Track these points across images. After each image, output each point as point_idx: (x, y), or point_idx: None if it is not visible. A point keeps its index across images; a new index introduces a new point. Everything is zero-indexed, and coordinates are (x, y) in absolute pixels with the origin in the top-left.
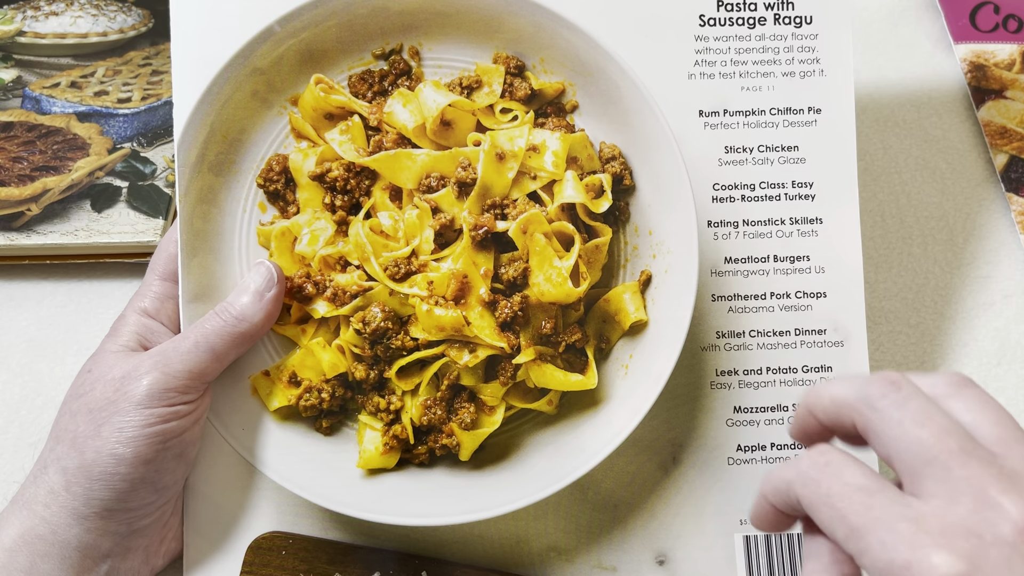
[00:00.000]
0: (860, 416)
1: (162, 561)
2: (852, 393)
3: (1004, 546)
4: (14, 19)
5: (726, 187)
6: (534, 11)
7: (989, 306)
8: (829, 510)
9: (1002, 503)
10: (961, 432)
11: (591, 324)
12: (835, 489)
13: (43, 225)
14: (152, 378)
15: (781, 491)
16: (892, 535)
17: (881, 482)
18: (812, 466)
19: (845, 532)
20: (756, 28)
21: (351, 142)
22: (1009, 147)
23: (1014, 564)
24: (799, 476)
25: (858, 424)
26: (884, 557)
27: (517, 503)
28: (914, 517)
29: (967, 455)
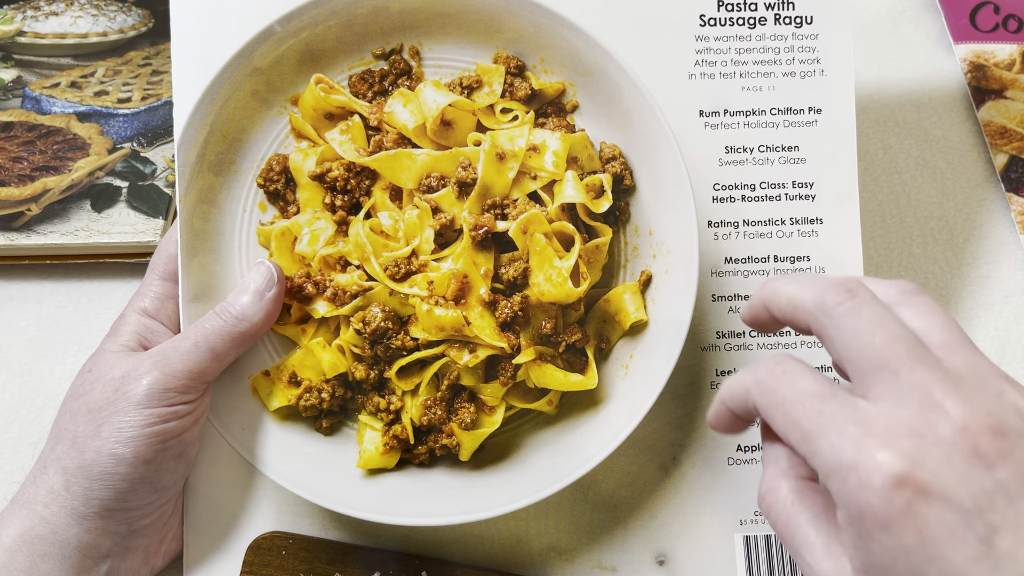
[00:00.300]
0: (815, 321)
1: (162, 561)
2: (809, 297)
3: (944, 445)
4: (14, 19)
5: (726, 187)
6: (534, 11)
7: (989, 306)
8: (783, 416)
9: (944, 405)
10: (911, 338)
11: (591, 324)
12: (789, 396)
13: (43, 225)
14: (152, 378)
15: (739, 397)
16: (841, 437)
17: (832, 388)
18: (768, 375)
19: (798, 436)
20: (756, 28)
21: (351, 142)
22: (1009, 147)
23: (953, 461)
24: (756, 384)
25: (813, 328)
26: (833, 458)
27: (517, 503)
28: (862, 420)
29: (914, 360)
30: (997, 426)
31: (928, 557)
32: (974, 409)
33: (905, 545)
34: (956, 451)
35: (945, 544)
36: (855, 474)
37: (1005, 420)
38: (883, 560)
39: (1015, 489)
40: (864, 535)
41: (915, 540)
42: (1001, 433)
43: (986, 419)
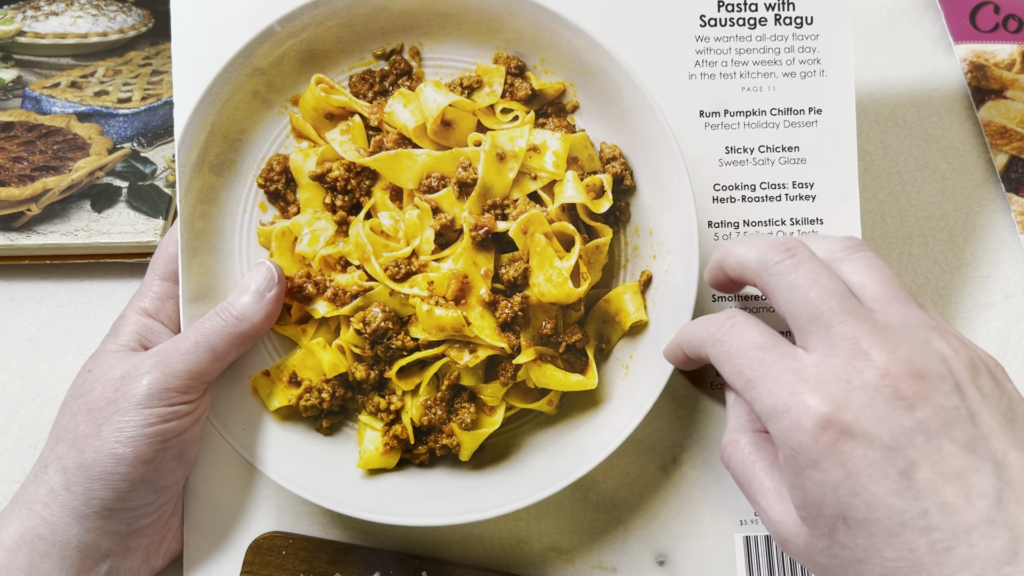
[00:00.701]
0: (758, 278)
1: (162, 561)
2: (753, 256)
3: (868, 389)
4: (14, 19)
5: (727, 187)
6: (535, 11)
7: (989, 306)
8: (730, 365)
9: (870, 353)
10: (844, 292)
11: (591, 324)
12: (735, 346)
13: (43, 225)
14: (152, 378)
15: (693, 345)
16: (778, 384)
17: (775, 340)
18: (719, 327)
19: (742, 384)
20: (757, 28)
21: (352, 142)
22: (1009, 147)
23: (875, 403)
24: (708, 336)
25: (758, 285)
26: (770, 403)
27: (517, 503)
28: (797, 368)
29: (846, 313)
30: (918, 371)
31: (853, 490)
32: (897, 356)
33: (833, 480)
34: (878, 394)
35: (868, 478)
36: (788, 417)
37: (926, 365)
38: (815, 495)
39: (934, 428)
40: (798, 472)
41: (841, 475)
42: (921, 377)
43: (907, 365)
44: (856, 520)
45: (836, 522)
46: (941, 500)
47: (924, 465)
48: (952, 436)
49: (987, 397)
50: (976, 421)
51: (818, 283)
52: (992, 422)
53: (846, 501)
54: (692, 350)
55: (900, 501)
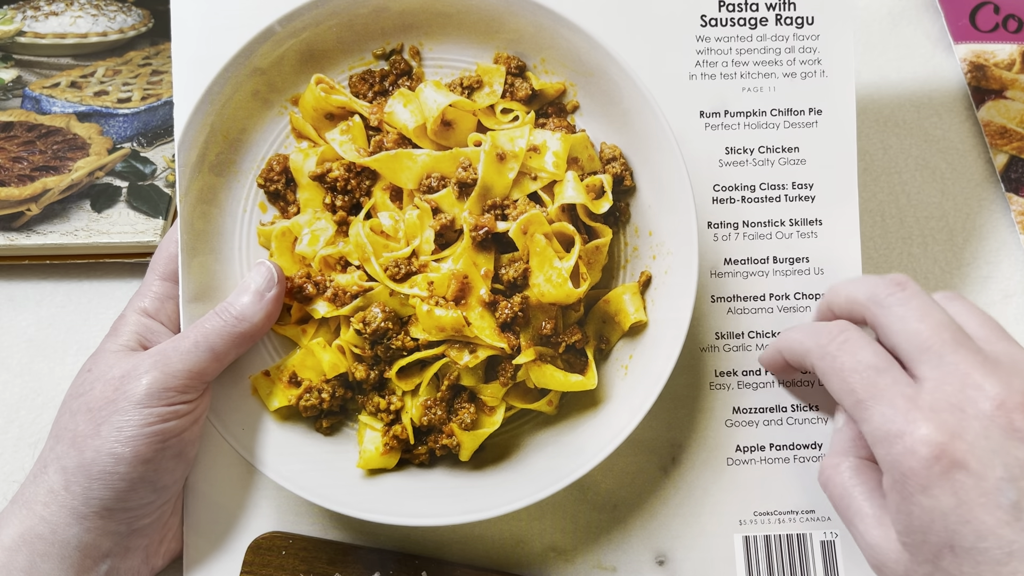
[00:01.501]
0: (869, 312)
1: (162, 561)
2: (864, 292)
3: (983, 418)
4: (14, 19)
5: (726, 188)
6: (535, 11)
7: (989, 306)
8: (841, 382)
9: (983, 384)
10: (954, 326)
11: (591, 325)
12: (848, 364)
13: (43, 225)
14: (151, 377)
15: (797, 353)
16: (891, 408)
17: (889, 362)
18: (831, 340)
19: (852, 402)
20: (757, 28)
21: (352, 142)
22: (1009, 147)
23: (991, 433)
24: (817, 348)
25: (868, 319)
26: (883, 426)
27: (517, 503)
28: (911, 395)
29: (957, 344)
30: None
31: (963, 518)
32: (1011, 388)
33: (942, 507)
34: (993, 425)
35: (980, 507)
36: (901, 442)
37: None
38: (922, 521)
39: None
40: (906, 498)
41: (951, 503)
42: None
43: (1021, 396)
44: (963, 548)
45: (942, 549)
46: None
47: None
48: None
49: None
50: None
51: (930, 315)
52: None
53: (954, 529)
54: (795, 358)
55: (1010, 531)
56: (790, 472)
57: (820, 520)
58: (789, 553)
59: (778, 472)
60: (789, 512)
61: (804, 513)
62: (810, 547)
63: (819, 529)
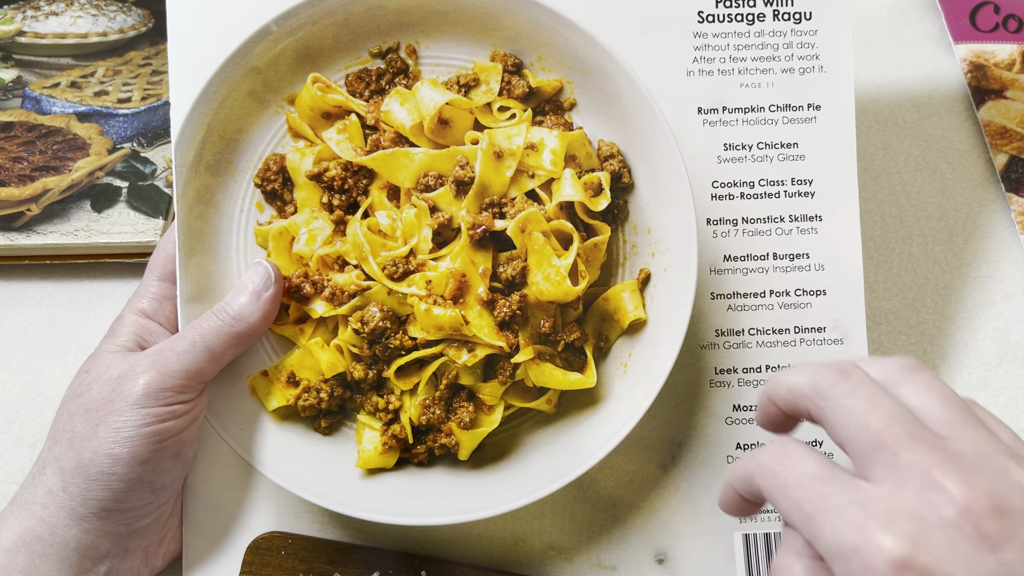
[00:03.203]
0: (813, 405)
1: (161, 562)
2: (805, 382)
3: (947, 527)
4: (14, 19)
5: (725, 184)
6: (532, 8)
7: (989, 306)
8: (786, 500)
9: (946, 485)
10: (908, 417)
11: (590, 323)
12: (791, 479)
13: (43, 225)
14: (148, 377)
15: (745, 480)
16: (842, 520)
17: (833, 470)
18: (770, 458)
19: (801, 519)
20: (755, 24)
21: (348, 141)
22: (1009, 147)
23: (956, 543)
24: (759, 467)
25: (812, 413)
26: (835, 541)
27: (516, 502)
28: (863, 502)
29: (913, 440)
30: (1000, 506)
31: None
32: (976, 489)
33: None
34: (959, 533)
35: None
36: (857, 557)
37: (1008, 500)
38: None
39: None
40: None
41: None
42: (1005, 513)
43: (989, 499)
44: None
45: None
46: None
47: None
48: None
49: None
50: None
51: (879, 407)
52: None
53: None
54: (744, 487)
55: None
56: None
57: None
58: None
59: None
60: None
61: None
62: None
63: None
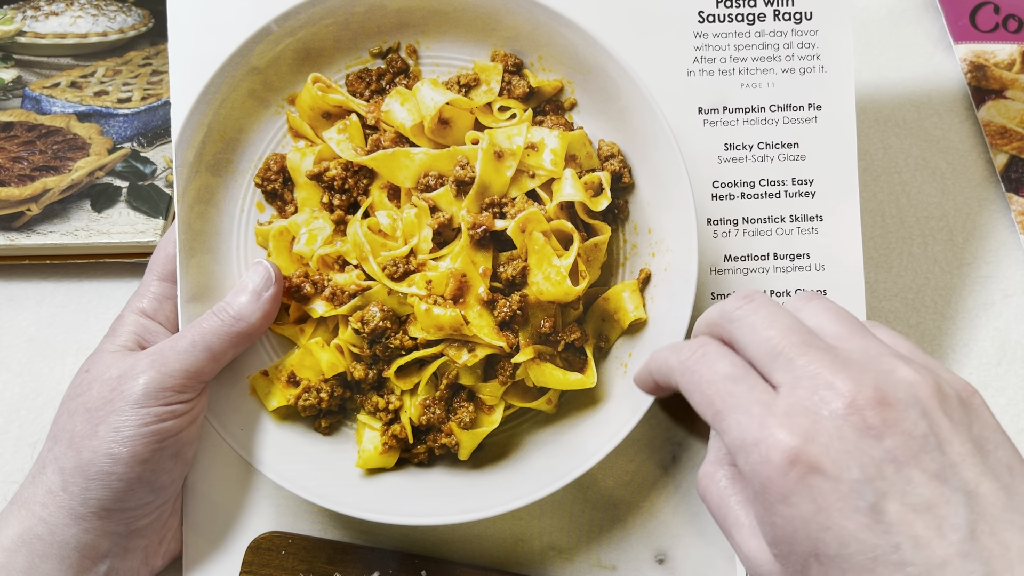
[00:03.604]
0: (724, 330)
1: (161, 561)
2: (716, 311)
3: (836, 419)
4: (14, 19)
5: (726, 184)
6: (532, 8)
7: (989, 306)
8: (700, 395)
9: (834, 383)
10: (803, 329)
11: (590, 323)
12: (706, 376)
13: (43, 225)
14: (148, 377)
15: (663, 372)
16: (747, 416)
17: (745, 371)
18: (690, 356)
19: (711, 414)
20: (756, 24)
21: (349, 141)
22: (1009, 147)
23: (844, 433)
24: (679, 364)
25: (724, 336)
26: (739, 435)
27: (516, 502)
28: (765, 401)
29: (807, 346)
30: (883, 398)
31: (823, 525)
32: (861, 384)
33: (803, 515)
34: (846, 424)
35: (838, 512)
36: (757, 451)
37: (892, 393)
38: (785, 531)
39: (903, 457)
40: (768, 508)
41: (811, 510)
42: (887, 404)
43: (873, 392)
44: (828, 556)
45: (808, 559)
46: (913, 534)
47: (894, 497)
48: (921, 466)
49: (957, 424)
50: (945, 450)
51: (778, 321)
52: (963, 450)
53: (817, 537)
54: (662, 377)
55: (871, 536)
56: None
57: None
58: None
59: None
60: None
61: None
62: None
63: None
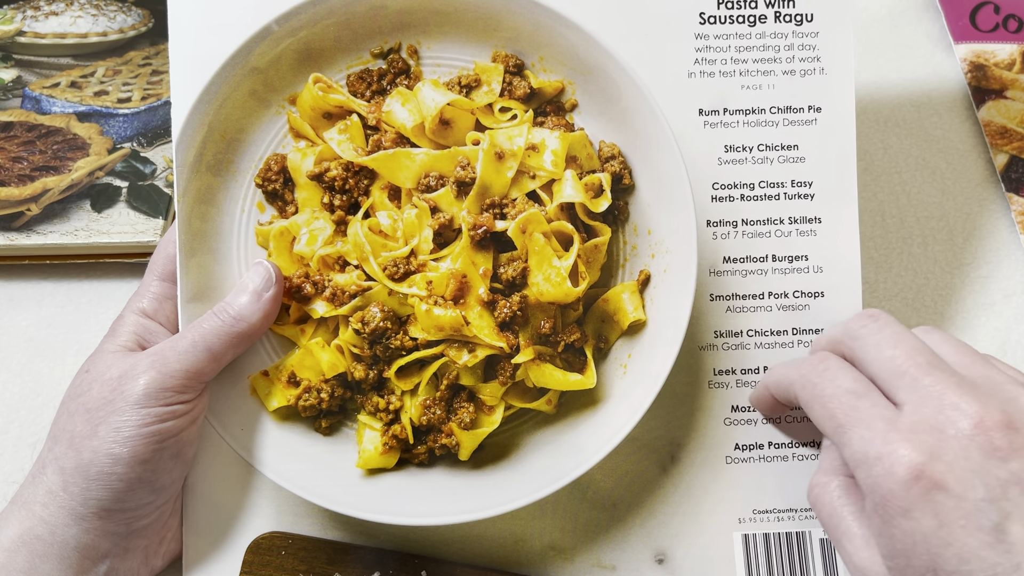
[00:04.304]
0: (847, 347)
1: (161, 562)
2: (839, 330)
3: (962, 438)
4: (14, 19)
5: (725, 186)
6: (533, 9)
7: (989, 306)
8: (821, 408)
9: (960, 404)
10: (928, 351)
11: (590, 324)
12: (828, 390)
13: (43, 225)
14: (149, 377)
15: (783, 386)
16: (870, 431)
17: (868, 387)
18: (811, 370)
19: (832, 427)
20: (756, 26)
21: (349, 141)
22: (1009, 147)
23: (970, 453)
24: (800, 378)
25: (846, 354)
26: (861, 449)
27: (516, 502)
28: (889, 417)
29: (933, 367)
30: (1010, 422)
31: (945, 541)
32: (988, 407)
33: (924, 530)
34: (972, 445)
35: (961, 529)
36: (880, 464)
37: (1017, 417)
38: (904, 545)
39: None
40: (887, 521)
41: (932, 525)
42: (1014, 428)
43: (1000, 415)
44: (946, 572)
45: (925, 573)
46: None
47: (1018, 518)
48: None
49: None
50: None
51: (904, 341)
52: None
53: (937, 552)
54: (781, 392)
55: (993, 554)
56: (789, 470)
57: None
58: (788, 551)
59: (777, 470)
60: (788, 510)
61: (803, 511)
62: (809, 545)
63: (818, 527)
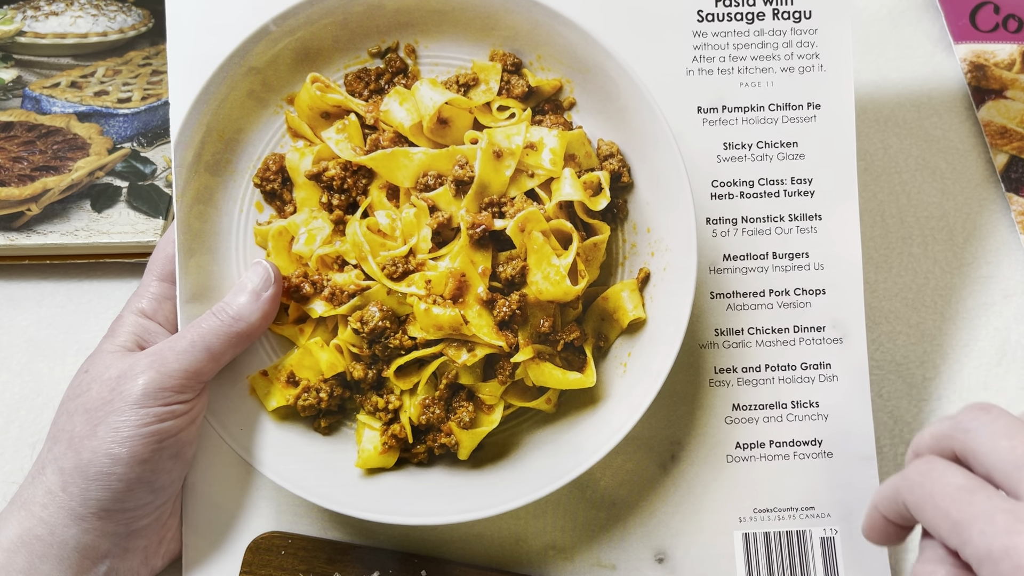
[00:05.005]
0: (957, 441)
1: (161, 562)
2: (946, 425)
3: None
4: (14, 19)
5: (725, 184)
6: (531, 8)
7: (989, 306)
8: (933, 509)
9: None
10: None
11: (589, 322)
12: (938, 489)
13: (43, 225)
14: (148, 377)
15: (889, 498)
16: (991, 525)
17: (980, 482)
18: (917, 472)
19: (948, 527)
20: (755, 23)
21: (348, 141)
22: (1009, 147)
23: None
24: (905, 482)
25: (956, 449)
26: (984, 545)
27: (516, 502)
28: (1010, 509)
29: None
30: None
31: None
32: None
33: None
34: None
35: None
36: (1007, 559)
37: None
38: None
39: None
40: None
41: None
42: None
43: None
44: None
45: None
46: None
47: None
48: None
49: None
50: None
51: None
52: None
53: None
54: (889, 506)
55: None
56: (790, 469)
57: (820, 517)
58: (789, 550)
59: (778, 469)
60: (789, 509)
61: (804, 510)
62: (810, 544)
63: (819, 526)
